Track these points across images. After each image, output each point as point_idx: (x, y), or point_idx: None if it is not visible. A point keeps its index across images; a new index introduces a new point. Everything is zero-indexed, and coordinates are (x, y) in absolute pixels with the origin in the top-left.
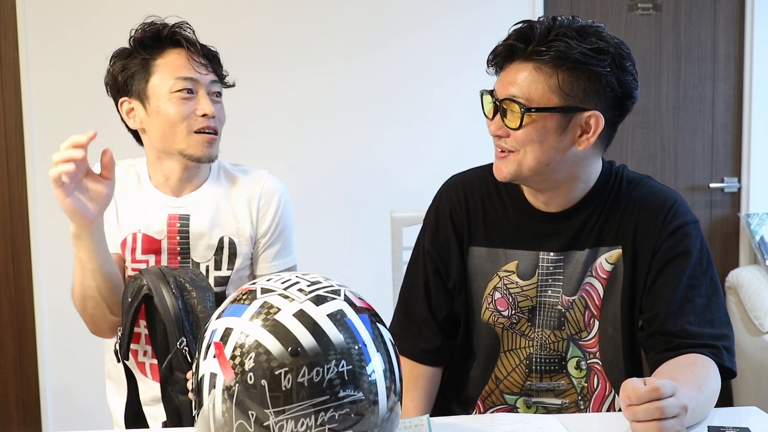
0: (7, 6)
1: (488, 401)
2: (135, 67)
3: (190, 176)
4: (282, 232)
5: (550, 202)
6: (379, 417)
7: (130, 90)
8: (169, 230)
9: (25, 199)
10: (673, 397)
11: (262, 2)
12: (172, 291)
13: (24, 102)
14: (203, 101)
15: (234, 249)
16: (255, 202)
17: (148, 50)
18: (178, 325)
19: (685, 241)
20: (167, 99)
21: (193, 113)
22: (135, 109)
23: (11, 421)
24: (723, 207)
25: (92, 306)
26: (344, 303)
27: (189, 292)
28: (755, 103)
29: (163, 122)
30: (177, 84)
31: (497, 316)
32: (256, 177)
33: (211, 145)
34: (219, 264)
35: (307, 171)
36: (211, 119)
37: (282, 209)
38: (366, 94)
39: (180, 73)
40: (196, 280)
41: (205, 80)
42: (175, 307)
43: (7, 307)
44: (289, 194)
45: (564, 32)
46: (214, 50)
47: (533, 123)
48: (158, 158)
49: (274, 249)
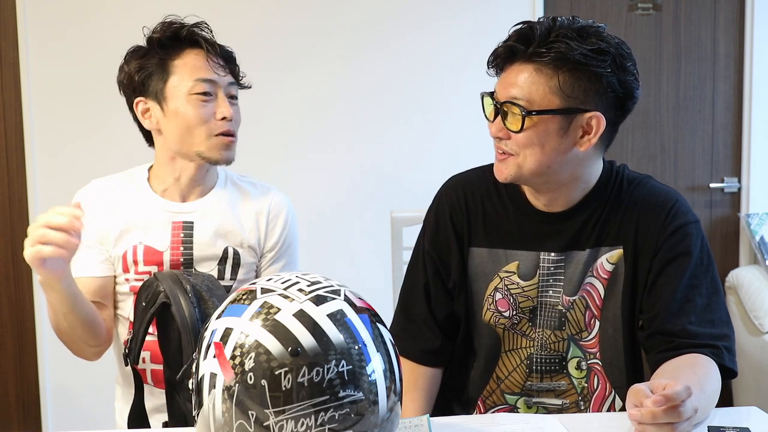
0: (7, 6)
1: (489, 401)
2: (152, 67)
3: (201, 177)
4: (288, 248)
5: (550, 202)
6: (379, 417)
7: (147, 90)
8: (172, 240)
9: (25, 199)
10: (689, 400)
11: (262, 2)
12: (189, 299)
13: (24, 102)
14: (222, 104)
15: (238, 260)
16: (264, 216)
17: (166, 50)
18: (196, 335)
19: (686, 241)
20: (186, 101)
21: (212, 116)
22: (151, 109)
23: (11, 421)
24: (723, 207)
25: (68, 340)
26: (344, 303)
27: (206, 301)
28: (755, 103)
29: (182, 124)
30: (196, 86)
31: (498, 316)
32: (264, 191)
33: (229, 147)
34: (222, 273)
35: (307, 171)
36: (230, 122)
37: (290, 226)
38: (366, 94)
39: (199, 74)
40: (212, 288)
41: (223, 82)
42: (192, 317)
43: (7, 307)
44: (295, 210)
45: (564, 33)
46: (230, 50)
47: (534, 126)
48: (172, 158)
49: (280, 264)
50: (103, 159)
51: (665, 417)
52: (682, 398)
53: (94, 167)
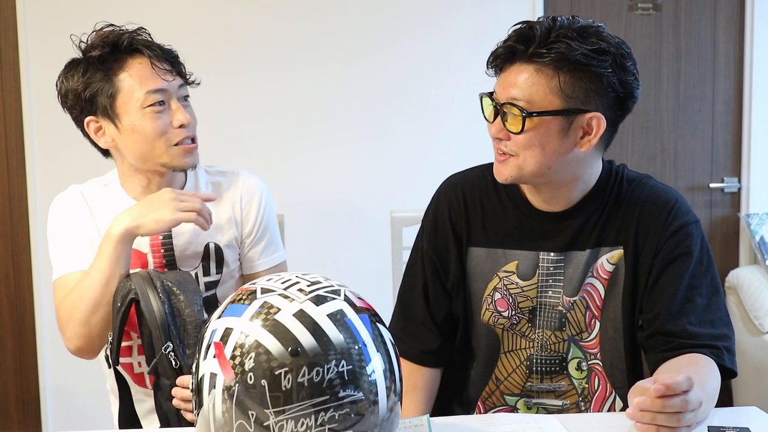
0: (7, 6)
1: (489, 402)
2: (97, 83)
3: (170, 181)
4: (266, 228)
5: (550, 201)
6: (379, 417)
7: (96, 108)
8: (152, 244)
9: (25, 199)
10: (693, 390)
11: (262, 3)
12: (158, 295)
13: (24, 102)
14: (178, 112)
15: (221, 254)
16: (237, 203)
17: (107, 64)
18: (164, 330)
19: (687, 241)
20: (141, 114)
21: (169, 126)
22: (104, 127)
23: (11, 421)
24: (723, 207)
25: (102, 316)
26: (344, 303)
27: (176, 296)
28: (755, 103)
29: (140, 140)
30: (148, 98)
31: (497, 316)
32: (234, 178)
33: (192, 153)
34: (207, 270)
35: (307, 171)
36: (188, 128)
37: (264, 206)
38: (366, 94)
39: (149, 85)
40: (183, 283)
41: (173, 87)
42: (161, 312)
43: (7, 307)
44: (269, 190)
45: (564, 33)
46: (173, 50)
47: (535, 127)
48: (135, 170)
49: (260, 246)
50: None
51: (669, 407)
52: (683, 388)
53: (94, 167)
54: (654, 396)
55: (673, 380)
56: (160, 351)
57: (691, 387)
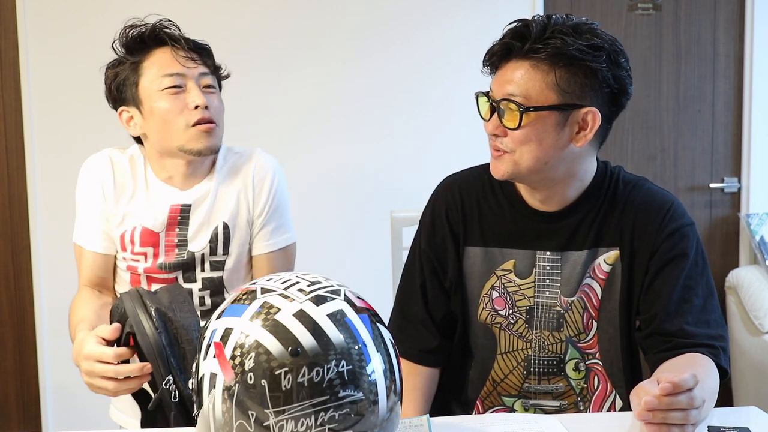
0: (7, 6)
1: (487, 402)
2: (125, 73)
3: (195, 171)
4: (277, 209)
5: (546, 201)
6: (379, 417)
7: (125, 98)
8: (169, 222)
9: (25, 199)
10: (697, 387)
11: (262, 3)
12: (153, 324)
13: (24, 102)
14: (193, 92)
15: (228, 233)
16: (249, 183)
17: (134, 54)
18: (163, 362)
19: (683, 243)
20: (158, 97)
21: (185, 107)
22: (133, 116)
23: (11, 421)
24: (723, 207)
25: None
26: (344, 303)
27: (172, 322)
28: (755, 103)
29: (159, 121)
30: (165, 81)
31: (494, 315)
32: (248, 158)
33: (209, 134)
34: (215, 250)
35: (307, 171)
36: (205, 109)
37: (276, 186)
38: (366, 94)
39: (166, 70)
40: (177, 304)
41: (193, 73)
42: (158, 344)
43: (7, 307)
44: (282, 170)
45: (560, 30)
46: (203, 43)
47: (532, 122)
48: (161, 157)
49: (271, 227)
50: None
51: (676, 404)
52: (689, 385)
53: None
54: (661, 394)
55: (679, 378)
56: (161, 386)
57: (696, 384)
